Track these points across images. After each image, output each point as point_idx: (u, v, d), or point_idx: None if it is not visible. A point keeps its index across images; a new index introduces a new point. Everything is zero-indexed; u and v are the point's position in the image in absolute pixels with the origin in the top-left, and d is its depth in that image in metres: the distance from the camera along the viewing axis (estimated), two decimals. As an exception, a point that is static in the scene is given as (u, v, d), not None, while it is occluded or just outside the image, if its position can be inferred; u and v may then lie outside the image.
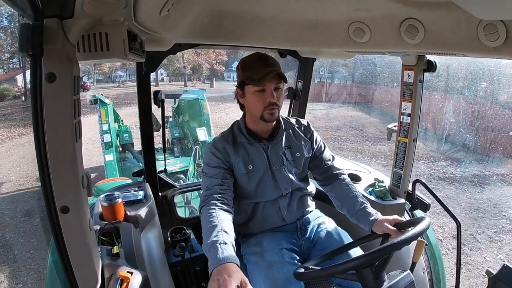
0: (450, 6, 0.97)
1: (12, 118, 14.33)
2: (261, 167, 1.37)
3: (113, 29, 0.80)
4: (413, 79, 1.57)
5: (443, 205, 1.58)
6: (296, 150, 1.43)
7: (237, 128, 1.41)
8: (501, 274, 1.18)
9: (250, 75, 1.27)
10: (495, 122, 8.73)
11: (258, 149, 1.38)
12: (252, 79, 1.27)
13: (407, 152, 1.68)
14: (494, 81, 9.04)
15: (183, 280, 1.53)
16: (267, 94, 1.27)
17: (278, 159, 1.39)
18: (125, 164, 6.03)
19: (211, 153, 1.36)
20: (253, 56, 1.31)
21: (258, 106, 1.30)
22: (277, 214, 1.39)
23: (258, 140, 1.39)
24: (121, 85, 26.06)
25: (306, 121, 1.53)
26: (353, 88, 16.66)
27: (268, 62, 1.28)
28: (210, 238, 1.05)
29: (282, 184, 1.38)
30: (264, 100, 1.28)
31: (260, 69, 1.25)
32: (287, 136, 1.43)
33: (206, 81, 27.51)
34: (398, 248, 0.98)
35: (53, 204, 0.77)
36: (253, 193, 1.37)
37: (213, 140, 1.40)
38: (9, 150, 10.40)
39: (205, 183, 1.32)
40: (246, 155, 1.36)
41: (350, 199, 1.37)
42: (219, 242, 1.02)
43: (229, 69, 33.67)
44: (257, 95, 1.28)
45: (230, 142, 1.37)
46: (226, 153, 1.34)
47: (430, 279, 1.64)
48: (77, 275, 0.85)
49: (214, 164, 1.33)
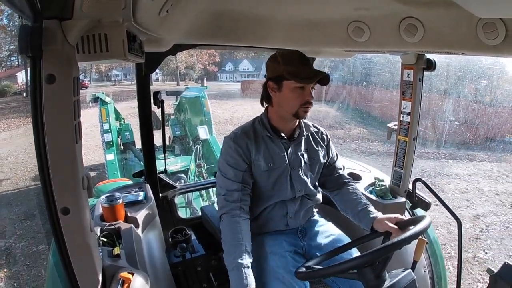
0: (450, 4, 0.96)
1: (20, 110, 15.34)
2: (281, 165, 1.34)
3: (112, 30, 0.80)
4: (413, 78, 1.57)
5: (443, 203, 1.58)
6: (313, 155, 1.41)
7: (259, 123, 1.37)
8: (502, 272, 1.18)
9: (294, 71, 1.23)
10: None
11: (279, 146, 1.34)
12: (297, 76, 1.23)
13: (407, 151, 1.68)
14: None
15: (184, 280, 1.53)
16: (306, 92, 1.26)
17: (297, 159, 1.36)
18: (127, 163, 6.00)
19: (230, 148, 1.30)
20: (294, 53, 1.27)
21: (296, 103, 1.27)
22: (282, 218, 1.37)
23: (280, 137, 1.35)
24: (117, 84, 26.69)
25: (322, 128, 1.51)
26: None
27: (309, 62, 1.28)
28: (236, 258, 1.14)
29: (297, 185, 1.36)
30: (303, 98, 1.26)
31: (305, 68, 1.24)
32: (307, 139, 1.42)
33: (198, 81, 27.82)
34: (399, 247, 0.98)
35: (53, 205, 0.77)
36: (267, 191, 1.34)
37: (233, 134, 1.34)
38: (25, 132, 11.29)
39: (223, 184, 1.29)
40: (267, 151, 1.32)
41: (354, 201, 1.38)
42: (244, 266, 1.12)
43: (222, 69, 33.81)
44: (296, 92, 1.25)
45: (251, 137, 1.32)
46: (248, 150, 1.30)
47: (431, 278, 1.64)
48: (78, 276, 0.85)
49: (233, 163, 1.29)
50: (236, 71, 35.03)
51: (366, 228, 1.29)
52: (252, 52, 4.44)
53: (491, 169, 7.83)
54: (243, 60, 34.52)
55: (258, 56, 30.49)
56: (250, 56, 31.78)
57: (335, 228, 1.46)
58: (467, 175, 7.47)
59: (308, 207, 1.42)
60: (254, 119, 1.40)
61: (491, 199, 6.21)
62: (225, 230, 1.23)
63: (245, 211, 1.26)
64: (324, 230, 1.42)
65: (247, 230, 1.22)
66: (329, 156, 1.46)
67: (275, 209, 1.36)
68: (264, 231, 1.38)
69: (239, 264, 1.12)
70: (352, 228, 1.47)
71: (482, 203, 6.03)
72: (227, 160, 1.30)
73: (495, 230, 4.88)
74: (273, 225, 1.38)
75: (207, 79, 28.76)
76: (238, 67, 35.01)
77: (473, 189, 6.65)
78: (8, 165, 8.06)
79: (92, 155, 8.28)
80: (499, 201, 6.10)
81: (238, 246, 1.17)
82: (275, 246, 1.30)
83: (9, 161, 8.43)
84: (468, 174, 7.57)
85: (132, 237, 1.26)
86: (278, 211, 1.36)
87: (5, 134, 11.82)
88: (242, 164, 1.29)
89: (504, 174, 7.52)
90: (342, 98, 13.99)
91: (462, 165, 8.18)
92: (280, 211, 1.37)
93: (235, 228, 1.21)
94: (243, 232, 1.20)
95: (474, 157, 8.58)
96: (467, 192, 6.47)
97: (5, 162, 8.32)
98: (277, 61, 1.27)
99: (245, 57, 33.36)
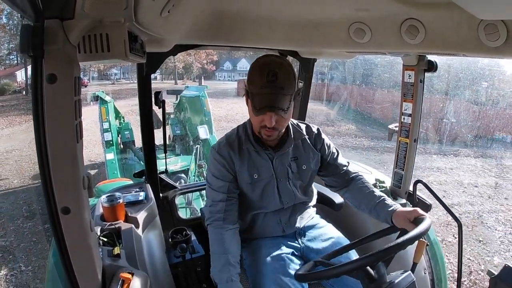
0: (451, 6, 0.96)
1: (20, 108, 15.81)
2: (266, 176, 1.30)
3: (114, 30, 0.80)
4: (414, 79, 1.57)
5: (444, 205, 1.57)
6: (302, 162, 1.35)
7: (243, 133, 1.31)
8: (502, 274, 1.18)
9: (253, 93, 1.13)
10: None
11: (264, 158, 1.30)
12: (252, 100, 1.13)
13: (408, 152, 1.67)
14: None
15: (184, 281, 1.53)
16: (266, 117, 1.14)
17: (284, 171, 1.32)
18: (126, 162, 6.01)
19: (215, 160, 1.29)
20: (262, 73, 1.10)
21: (255, 124, 1.21)
22: (277, 225, 1.36)
23: (264, 148, 1.30)
24: (116, 83, 27.01)
25: (316, 127, 1.42)
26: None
27: (276, 85, 1.09)
28: (220, 271, 1.17)
29: (285, 197, 1.33)
30: (261, 121, 1.17)
31: (263, 94, 1.10)
32: (295, 146, 1.34)
33: (196, 80, 27.93)
34: (398, 250, 0.98)
35: (54, 205, 0.77)
36: (255, 202, 1.33)
37: (217, 144, 1.32)
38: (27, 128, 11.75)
39: (209, 194, 1.29)
40: (251, 163, 1.29)
41: (367, 195, 1.31)
42: (227, 280, 1.15)
43: (221, 68, 33.86)
44: (255, 115, 1.16)
45: (235, 148, 1.28)
46: (231, 161, 1.28)
47: (431, 280, 1.63)
48: (78, 276, 0.85)
49: (218, 175, 1.28)
50: (234, 70, 35.05)
51: (385, 222, 1.24)
52: (250, 51, 4.52)
53: (475, 164, 8.06)
54: (241, 59, 34.51)
55: (257, 55, 30.60)
56: (248, 55, 31.81)
57: (334, 230, 1.44)
58: (449, 169, 7.68)
59: (302, 212, 1.40)
60: (238, 127, 1.35)
61: (469, 190, 6.38)
62: (211, 241, 1.25)
63: (230, 221, 1.25)
64: (323, 232, 1.41)
65: (231, 240, 1.22)
66: (325, 158, 1.40)
67: (267, 217, 1.35)
68: (261, 237, 1.37)
69: (224, 277, 1.15)
70: (352, 229, 1.46)
71: (459, 194, 6.20)
72: (213, 172, 1.30)
73: (468, 218, 5.04)
74: (269, 231, 1.37)
75: (205, 77, 28.99)
76: (236, 66, 35.02)
77: (452, 182, 6.85)
78: (13, 158, 8.59)
79: (92, 149, 8.63)
80: (477, 192, 6.28)
81: (221, 259, 1.19)
82: (272, 249, 1.29)
83: (14, 154, 8.96)
84: (450, 168, 7.78)
85: (132, 237, 1.26)
86: (271, 219, 1.35)
87: (8, 130, 12.20)
88: (227, 175, 1.28)
89: (488, 169, 7.75)
90: (336, 97, 14.39)
91: (446, 160, 8.39)
92: (273, 219, 1.35)
93: (219, 240, 1.22)
94: (226, 243, 1.21)
95: (460, 153, 8.84)
96: (445, 184, 6.64)
97: (10, 155, 8.85)
98: (249, 71, 1.17)
99: (243, 56, 33.36)
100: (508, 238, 4.70)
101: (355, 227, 1.35)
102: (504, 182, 6.93)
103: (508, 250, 4.41)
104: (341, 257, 1.21)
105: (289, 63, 1.16)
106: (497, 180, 7.02)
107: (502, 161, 8.28)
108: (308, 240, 1.39)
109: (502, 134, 9.54)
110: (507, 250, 4.42)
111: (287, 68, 1.13)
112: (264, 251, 1.29)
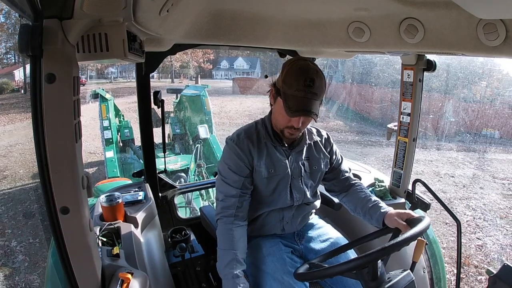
0: (450, 5, 0.97)
1: (20, 106, 16.19)
2: (282, 172, 1.30)
3: (113, 30, 0.80)
4: (413, 78, 1.57)
5: (443, 204, 1.58)
6: (314, 163, 1.37)
7: (262, 127, 1.32)
8: (501, 273, 1.18)
9: (288, 95, 1.14)
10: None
11: (282, 154, 1.31)
12: (286, 101, 1.15)
13: (407, 151, 1.68)
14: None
15: (183, 280, 1.53)
16: (295, 119, 1.18)
17: (297, 169, 1.33)
18: (126, 160, 5.99)
19: (232, 152, 1.26)
20: (300, 76, 1.13)
21: (282, 122, 1.22)
22: (279, 223, 1.36)
23: (281, 144, 1.31)
24: (113, 81, 27.18)
25: (325, 132, 1.46)
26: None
27: (312, 91, 1.13)
28: (226, 267, 1.18)
29: (296, 194, 1.33)
30: (289, 121, 1.20)
31: (299, 97, 1.13)
32: (308, 147, 1.37)
33: (193, 79, 28.03)
34: (397, 248, 0.98)
35: (53, 205, 0.77)
36: (265, 198, 1.32)
37: (236, 137, 1.30)
38: (28, 125, 11.97)
39: (222, 188, 1.26)
40: (269, 158, 1.29)
41: (363, 199, 1.35)
42: (233, 276, 1.16)
43: (217, 67, 33.92)
44: (284, 113, 1.17)
45: (254, 142, 1.28)
46: (250, 154, 1.26)
47: (430, 279, 1.64)
48: (78, 276, 0.85)
49: (235, 169, 1.25)
50: (231, 68, 35.01)
51: (377, 225, 1.27)
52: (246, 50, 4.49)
53: (455, 157, 8.34)
54: (238, 58, 34.47)
55: (254, 54, 30.59)
56: (245, 54, 31.75)
57: (333, 230, 1.45)
58: (428, 161, 7.89)
59: (305, 214, 1.41)
60: (257, 121, 1.36)
61: (444, 180, 6.62)
62: (219, 237, 1.24)
63: (241, 217, 1.25)
64: (322, 233, 1.41)
65: (240, 237, 1.22)
66: (332, 162, 1.43)
67: (271, 214, 1.35)
68: (260, 234, 1.38)
69: (229, 273, 1.16)
70: (351, 229, 1.47)
71: (434, 183, 6.41)
72: (229, 165, 1.26)
73: (438, 204, 5.03)
74: (268, 229, 1.37)
75: (202, 76, 28.93)
76: (233, 64, 35.00)
77: (429, 172, 7.12)
78: (17, 151, 9.24)
79: (92, 142, 9.10)
80: (452, 182, 6.51)
81: (229, 255, 1.19)
82: (272, 248, 1.30)
83: (18, 147, 9.61)
84: (429, 160, 8.00)
85: (132, 236, 1.26)
86: (274, 216, 1.35)
87: (10, 127, 12.64)
88: (244, 170, 1.26)
89: (468, 161, 8.01)
90: (329, 95, 14.81)
91: (427, 152, 8.60)
92: (276, 216, 1.36)
93: (228, 236, 1.21)
94: (235, 239, 1.20)
95: (442, 147, 9.08)
96: (422, 174, 6.83)
97: (14, 148, 9.51)
98: (283, 72, 1.19)
99: (240, 55, 33.32)
100: (476, 222, 4.88)
101: (355, 227, 1.35)
102: (483, 173, 7.16)
103: (473, 232, 4.58)
104: (339, 257, 1.22)
105: (321, 71, 1.20)
106: (475, 171, 7.28)
107: (485, 155, 8.56)
108: (307, 240, 1.40)
109: (490, 130, 9.81)
110: (473, 232, 4.59)
111: (321, 75, 1.18)
112: (265, 250, 1.30)
